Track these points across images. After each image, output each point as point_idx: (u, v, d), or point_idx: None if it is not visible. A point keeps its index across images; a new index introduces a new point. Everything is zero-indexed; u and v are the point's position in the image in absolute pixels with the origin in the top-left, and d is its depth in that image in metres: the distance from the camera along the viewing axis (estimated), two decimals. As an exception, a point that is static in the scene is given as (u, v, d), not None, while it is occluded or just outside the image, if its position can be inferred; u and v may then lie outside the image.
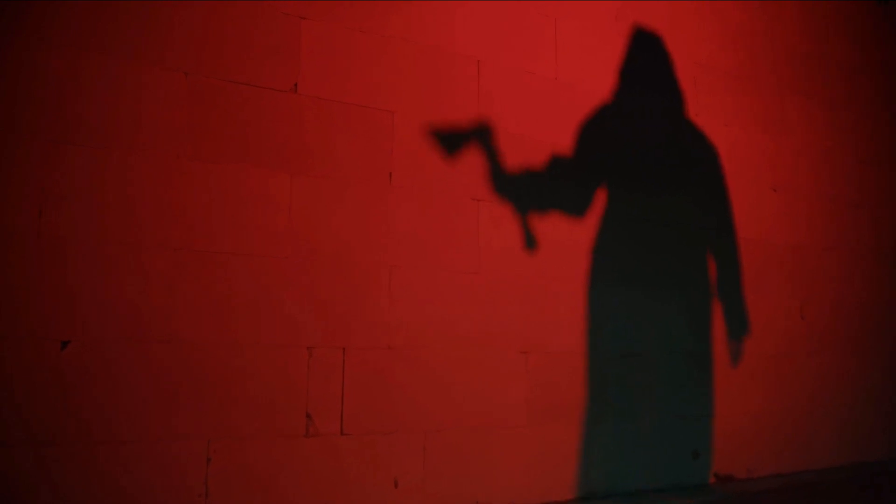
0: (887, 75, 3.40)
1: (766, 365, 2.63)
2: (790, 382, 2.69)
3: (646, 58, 2.50)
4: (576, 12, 2.35)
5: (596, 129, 2.32)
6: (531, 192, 2.14)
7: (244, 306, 1.69)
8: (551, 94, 2.24)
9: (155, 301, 1.59)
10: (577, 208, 2.22)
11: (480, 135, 2.07)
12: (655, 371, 2.34)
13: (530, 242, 2.10)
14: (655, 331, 2.35)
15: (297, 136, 1.81)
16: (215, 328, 1.64)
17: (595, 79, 2.35)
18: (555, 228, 2.17)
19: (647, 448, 2.28)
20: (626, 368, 2.27)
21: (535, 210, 2.13)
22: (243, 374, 1.67)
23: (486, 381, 1.99)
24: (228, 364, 1.65)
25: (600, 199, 2.29)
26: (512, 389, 2.03)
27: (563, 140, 2.24)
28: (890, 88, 3.39)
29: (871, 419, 2.89)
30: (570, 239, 2.20)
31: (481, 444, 1.96)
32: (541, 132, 2.19)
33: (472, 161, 2.05)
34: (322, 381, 1.76)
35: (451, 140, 2.02)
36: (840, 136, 3.11)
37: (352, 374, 1.80)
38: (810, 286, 2.81)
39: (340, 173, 1.85)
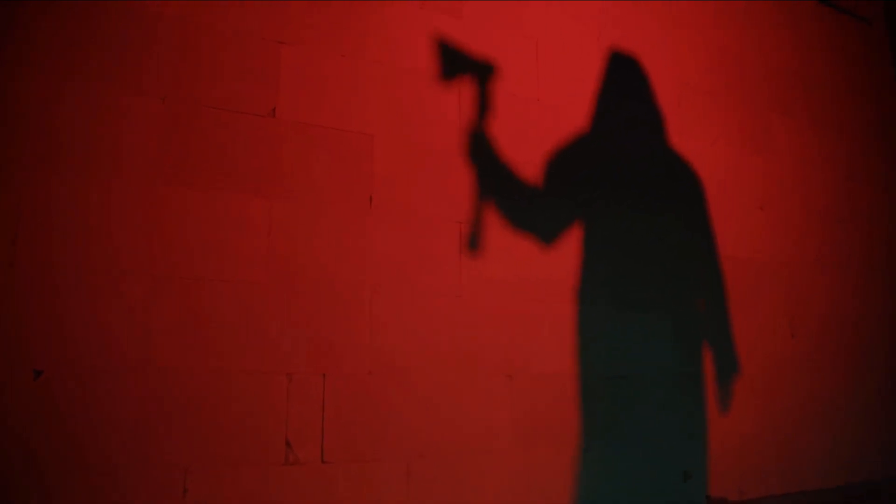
0: (873, 93, 3.42)
1: (757, 384, 2.60)
2: (781, 401, 2.66)
3: (624, 80, 2.51)
4: (557, 34, 2.36)
5: (577, 151, 2.31)
6: (514, 214, 2.13)
7: (222, 333, 1.67)
8: (534, 116, 2.24)
9: (131, 328, 1.57)
10: (552, 231, 2.20)
11: (462, 157, 2.07)
12: (643, 392, 2.31)
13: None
14: (643, 352, 2.33)
15: (275, 161, 1.80)
16: (192, 355, 1.62)
17: (577, 101, 2.36)
18: (538, 250, 2.16)
19: (637, 470, 2.25)
20: (614, 390, 2.25)
21: (516, 231, 2.12)
22: (221, 402, 1.64)
23: (470, 405, 1.96)
24: (206, 391, 1.63)
25: (582, 220, 2.28)
26: (496, 413, 2.00)
27: (544, 161, 2.24)
28: (875, 106, 3.40)
29: (864, 437, 2.86)
30: (554, 260, 2.18)
31: (466, 468, 1.93)
32: (523, 154, 2.19)
33: (454, 183, 2.05)
34: (302, 408, 1.73)
35: (431, 161, 2.02)
36: (827, 154, 3.12)
37: (332, 400, 1.78)
38: (800, 303, 2.80)
39: (320, 197, 1.84)
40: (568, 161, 2.28)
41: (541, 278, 2.14)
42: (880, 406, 2.94)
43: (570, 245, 2.23)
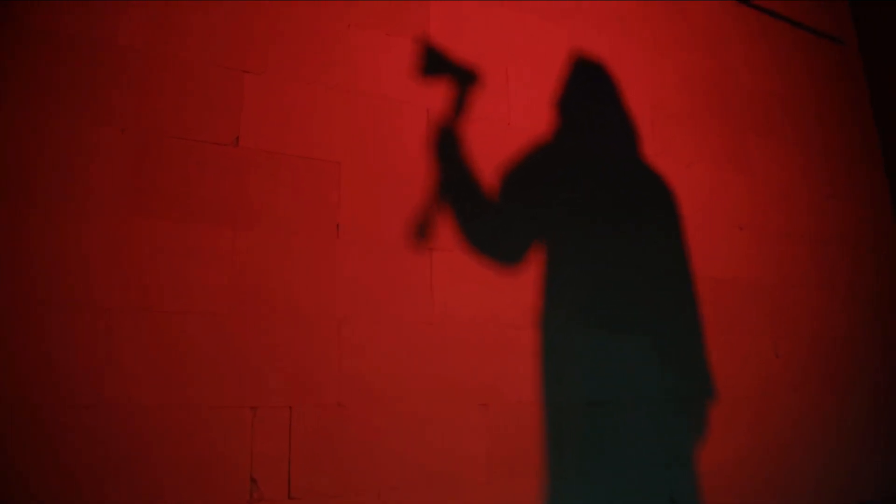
0: (851, 112, 3.44)
1: (743, 406, 2.55)
2: (770, 423, 2.61)
3: (594, 96, 2.51)
4: (526, 57, 2.36)
5: (544, 164, 2.30)
6: (483, 238, 2.10)
7: (183, 366, 1.62)
8: (504, 140, 2.23)
9: (86, 363, 1.52)
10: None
11: (432, 182, 2.05)
12: (625, 418, 2.26)
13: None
14: (623, 376, 2.29)
15: (239, 190, 1.78)
16: (151, 390, 1.58)
17: (544, 118, 2.35)
18: (509, 274, 2.13)
19: (622, 498, 2.19)
20: (594, 416, 2.19)
21: (486, 256, 2.09)
22: (182, 438, 1.59)
23: (443, 435, 1.91)
24: (165, 428, 1.58)
25: (551, 240, 2.25)
26: (471, 443, 1.95)
27: (511, 183, 2.22)
28: (855, 124, 3.42)
29: (856, 458, 2.80)
30: (526, 284, 2.15)
31: (441, 500, 1.87)
32: (492, 177, 2.17)
33: (426, 209, 2.02)
34: (267, 443, 1.68)
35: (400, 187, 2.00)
36: (807, 173, 3.12)
37: (299, 433, 1.72)
38: (784, 324, 2.76)
39: (286, 226, 1.81)
40: (533, 175, 2.26)
41: (515, 303, 2.11)
42: (870, 426, 2.89)
43: (542, 267, 2.20)
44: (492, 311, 2.06)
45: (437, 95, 2.14)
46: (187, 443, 1.59)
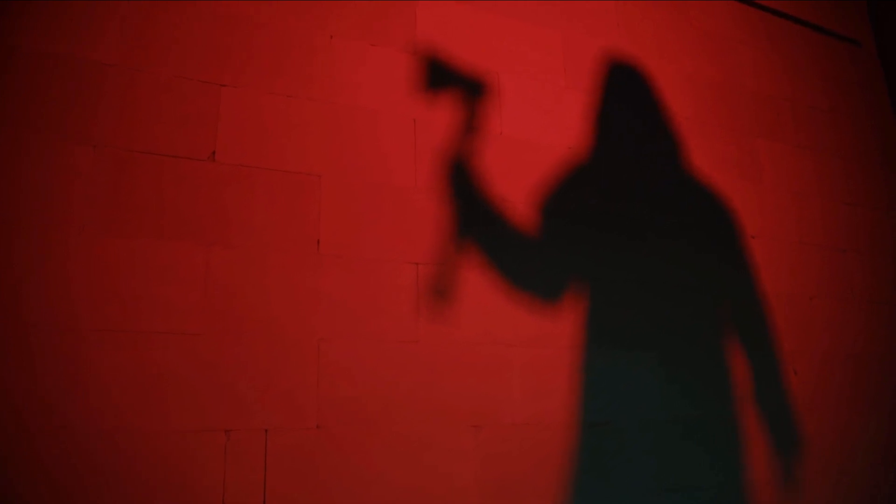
0: (869, 114, 3.30)
1: (761, 425, 2.42)
2: (783, 442, 2.47)
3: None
4: (519, 65, 2.29)
5: (548, 178, 2.22)
6: (475, 250, 2.02)
7: (154, 387, 1.57)
8: (496, 149, 2.16)
9: (55, 385, 1.47)
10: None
11: (425, 193, 1.98)
12: (633, 441, 2.15)
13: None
14: (632, 396, 2.18)
15: (215, 206, 1.73)
16: (117, 414, 1.52)
17: (540, 132, 2.27)
18: (505, 288, 2.04)
19: (626, 526, 2.07)
20: (597, 439, 2.09)
21: (481, 268, 2.01)
22: (152, 462, 1.53)
23: (432, 459, 1.83)
24: (135, 451, 1.52)
25: (553, 254, 2.17)
26: (461, 467, 1.86)
27: (512, 196, 2.14)
28: (873, 127, 3.28)
29: (870, 480, 2.64)
30: (520, 300, 2.06)
31: (429, 530, 1.78)
32: (493, 188, 2.10)
33: (411, 222, 1.96)
34: (241, 468, 1.61)
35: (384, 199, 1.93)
36: (822, 180, 2.99)
37: (275, 457, 1.65)
38: (798, 338, 2.63)
39: (263, 242, 1.76)
40: (534, 185, 2.18)
41: (507, 320, 2.02)
42: (887, 446, 2.72)
43: (542, 276, 2.11)
44: (483, 327, 1.98)
45: (425, 106, 2.07)
46: (158, 467, 1.53)
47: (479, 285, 2.01)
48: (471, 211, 2.05)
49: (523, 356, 2.02)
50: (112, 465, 1.49)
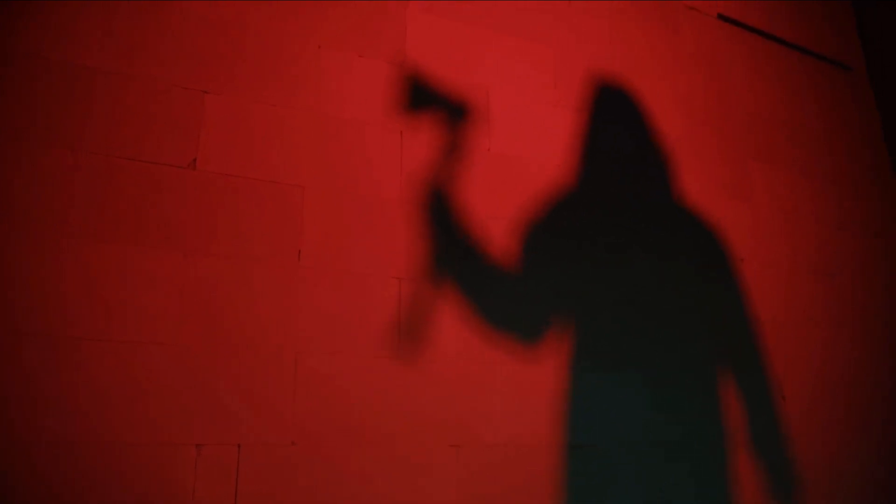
0: (861, 139, 3.30)
1: (749, 451, 2.38)
2: (772, 467, 2.42)
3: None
4: (509, 80, 2.27)
5: (534, 195, 2.20)
6: (454, 270, 1.99)
7: (123, 399, 1.52)
8: (484, 165, 2.14)
9: (9, 396, 1.43)
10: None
11: (400, 208, 1.95)
12: (617, 463, 2.10)
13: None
14: (615, 417, 2.14)
15: (195, 214, 1.69)
16: (86, 426, 1.47)
17: (529, 149, 2.25)
18: (487, 305, 2.01)
19: (608, 551, 2.02)
20: (581, 461, 2.04)
21: (460, 289, 1.97)
22: (118, 477, 1.48)
23: (409, 478, 1.78)
24: (101, 466, 1.47)
25: (542, 271, 2.14)
26: (440, 488, 1.81)
27: (499, 213, 2.11)
28: (865, 152, 3.27)
29: (869, 510, 2.60)
30: (503, 317, 2.03)
31: (405, 552, 1.73)
32: (473, 207, 2.07)
33: (394, 236, 1.93)
34: (212, 484, 1.56)
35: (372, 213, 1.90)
36: (814, 202, 2.97)
37: (248, 474, 1.61)
38: (788, 362, 2.59)
39: (243, 252, 1.72)
40: (518, 199, 2.16)
41: (489, 337, 1.98)
42: (879, 473, 2.68)
43: (525, 295, 2.08)
44: (464, 344, 1.94)
45: (412, 119, 2.05)
46: (125, 481, 1.48)
47: (459, 304, 1.97)
48: (453, 231, 2.02)
49: (506, 375, 1.98)
50: (74, 478, 1.44)
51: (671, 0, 2.87)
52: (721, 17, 3.00)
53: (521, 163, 2.21)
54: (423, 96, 2.09)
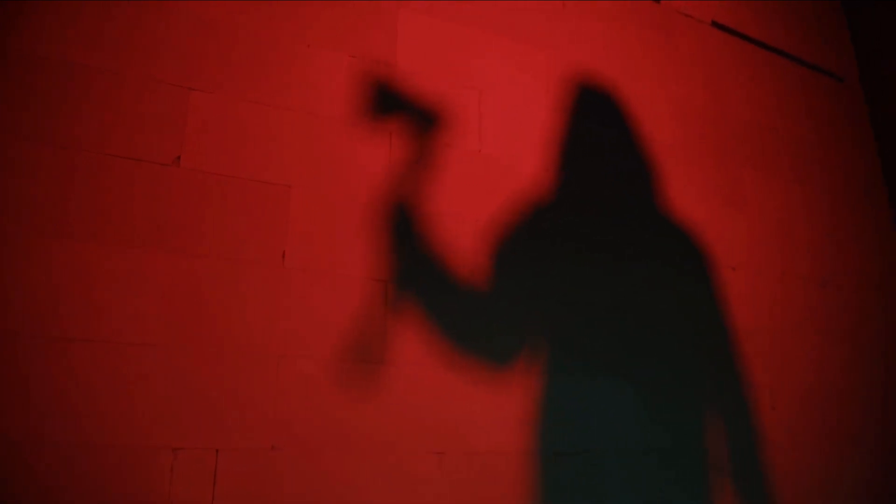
0: (854, 150, 3.29)
1: (738, 460, 2.35)
2: (762, 479, 2.40)
3: (606, 127, 2.39)
4: (500, 83, 2.25)
5: (521, 196, 2.17)
6: (441, 273, 1.96)
7: (98, 400, 1.48)
8: (475, 168, 2.11)
9: (-10, 397, 1.39)
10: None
11: (390, 210, 1.92)
12: (606, 471, 2.07)
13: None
14: (602, 424, 2.11)
15: (177, 212, 1.66)
16: (57, 428, 1.43)
17: (520, 151, 2.23)
18: (473, 310, 1.98)
19: (595, 562, 1.99)
20: (569, 469, 2.01)
21: (447, 294, 1.94)
22: (89, 482, 1.44)
23: (392, 486, 1.74)
24: (73, 469, 1.43)
25: (530, 274, 2.11)
26: (423, 496, 1.77)
27: (484, 216, 2.09)
28: (858, 162, 3.27)
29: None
30: (491, 320, 2.00)
31: (386, 561, 1.69)
32: (461, 209, 2.04)
33: (381, 238, 1.89)
34: (189, 490, 1.52)
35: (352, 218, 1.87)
36: (807, 211, 2.96)
37: (226, 478, 1.57)
38: (778, 372, 2.57)
39: (226, 252, 1.69)
40: (507, 202, 2.13)
41: (477, 342, 1.95)
42: (867, 482, 2.66)
43: (509, 299, 2.05)
44: (450, 349, 1.91)
45: (403, 120, 2.02)
46: (96, 486, 1.44)
47: (448, 310, 1.94)
48: (438, 235, 1.99)
49: (493, 380, 1.95)
50: (44, 480, 1.40)
51: (666, 6, 2.86)
52: (715, 24, 2.99)
53: (511, 165, 2.18)
54: (413, 97, 2.07)
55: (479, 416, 1.90)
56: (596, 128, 2.42)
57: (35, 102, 1.58)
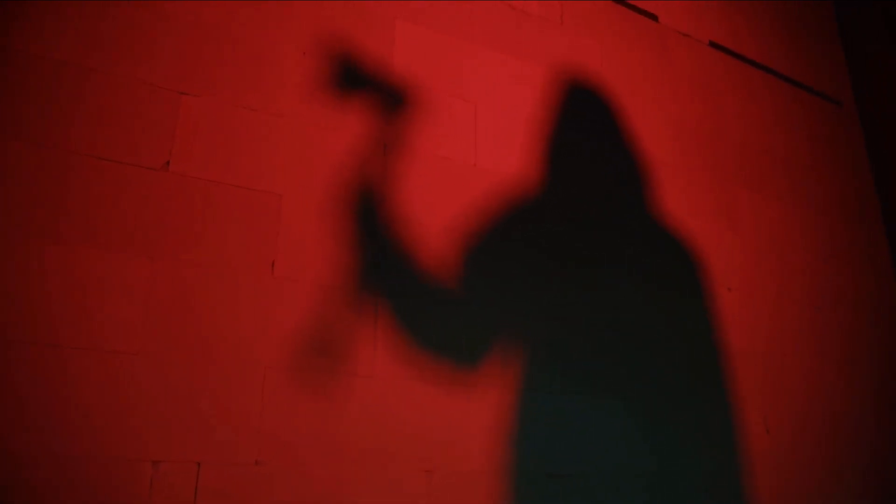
0: (850, 173, 3.29)
1: (730, 483, 2.31)
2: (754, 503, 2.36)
3: (600, 142, 2.37)
4: (497, 97, 2.23)
5: (508, 208, 2.14)
6: (434, 284, 1.93)
7: (76, 409, 1.43)
8: (470, 181, 2.08)
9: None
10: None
11: (384, 222, 1.89)
12: (597, 493, 2.03)
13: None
14: (593, 446, 2.06)
15: (164, 218, 1.62)
16: (35, 438, 1.38)
17: (515, 165, 2.21)
18: (465, 324, 1.94)
19: (585, 586, 1.94)
20: (560, 490, 1.97)
21: (438, 304, 1.91)
22: (65, 494, 1.39)
23: (378, 502, 1.69)
24: (47, 480, 1.37)
25: (521, 287, 2.07)
26: (410, 514, 1.73)
27: (480, 224, 2.06)
28: (854, 185, 3.27)
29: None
30: (481, 337, 1.96)
31: (371, 582, 1.64)
32: (455, 221, 2.01)
33: (372, 251, 1.86)
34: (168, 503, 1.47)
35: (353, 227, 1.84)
36: (803, 232, 2.95)
37: (207, 494, 1.51)
38: (773, 395, 2.54)
39: (213, 260, 1.65)
40: (491, 213, 2.10)
41: (468, 359, 1.91)
42: (869, 513, 2.62)
43: (497, 315, 2.01)
44: (438, 366, 1.87)
45: (397, 130, 2.00)
46: (72, 498, 1.39)
47: (437, 325, 1.90)
48: (431, 247, 1.96)
49: (481, 397, 1.91)
50: (19, 492, 1.35)
51: (664, 24, 2.86)
52: (713, 44, 3.00)
53: (506, 177, 2.16)
54: (408, 108, 2.04)
55: (468, 434, 1.85)
56: (591, 142, 2.41)
57: (25, 102, 1.54)
